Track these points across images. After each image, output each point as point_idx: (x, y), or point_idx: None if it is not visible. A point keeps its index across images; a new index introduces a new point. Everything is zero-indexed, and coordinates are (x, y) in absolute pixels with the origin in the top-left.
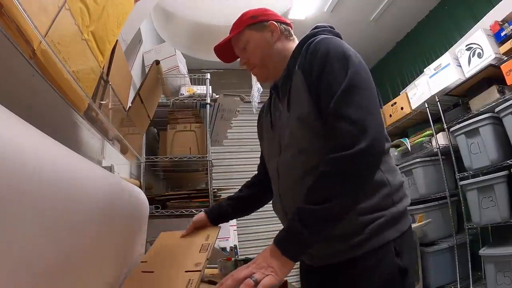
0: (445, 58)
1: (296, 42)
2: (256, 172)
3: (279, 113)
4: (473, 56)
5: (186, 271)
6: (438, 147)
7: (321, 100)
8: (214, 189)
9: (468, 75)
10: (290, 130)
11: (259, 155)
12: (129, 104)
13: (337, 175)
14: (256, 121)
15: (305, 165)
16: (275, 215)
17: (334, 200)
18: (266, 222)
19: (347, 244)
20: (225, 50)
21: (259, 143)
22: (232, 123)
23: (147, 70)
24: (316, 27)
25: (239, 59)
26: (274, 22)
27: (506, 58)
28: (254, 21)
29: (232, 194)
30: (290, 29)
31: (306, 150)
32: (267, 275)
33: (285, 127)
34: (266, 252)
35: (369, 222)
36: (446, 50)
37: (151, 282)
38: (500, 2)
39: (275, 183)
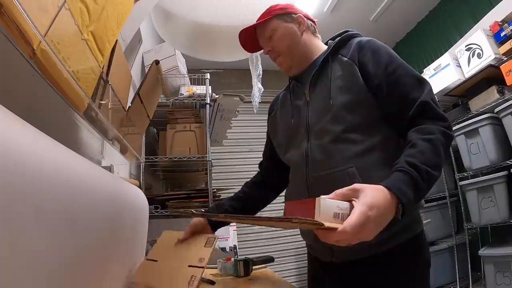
0: (445, 58)
1: (321, 40)
2: (258, 171)
3: (304, 101)
4: (472, 57)
5: (189, 266)
6: None
7: (394, 89)
8: (214, 189)
9: (467, 75)
10: (332, 115)
11: (258, 155)
12: (129, 104)
13: (445, 148)
14: (254, 121)
15: (345, 152)
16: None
17: (440, 169)
18: None
19: (382, 236)
20: (249, 38)
21: (258, 143)
22: (231, 123)
23: (146, 70)
24: (349, 30)
25: (262, 51)
26: (302, 16)
27: (505, 58)
28: (282, 11)
29: (232, 194)
30: (315, 26)
31: (347, 138)
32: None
33: (323, 112)
34: (383, 208)
35: None
36: (446, 50)
37: (154, 271)
38: (500, 2)
39: (301, 170)
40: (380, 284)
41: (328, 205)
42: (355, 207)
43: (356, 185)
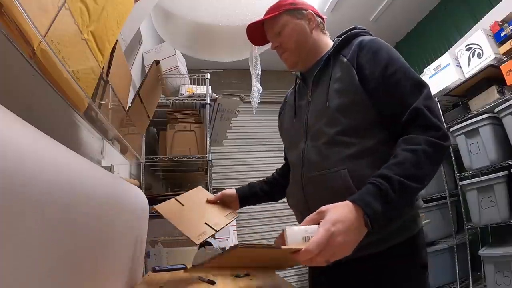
0: (445, 58)
1: (329, 37)
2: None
3: (306, 101)
4: (472, 56)
5: (206, 223)
6: None
7: (391, 92)
8: (214, 189)
9: (467, 75)
10: (328, 118)
11: (258, 155)
12: (129, 104)
13: (434, 160)
14: (254, 121)
15: (338, 155)
16: (275, 215)
17: (420, 180)
18: (266, 222)
19: (376, 237)
20: (256, 31)
21: (258, 143)
22: (231, 123)
23: (147, 70)
24: (356, 28)
25: (268, 45)
26: (312, 12)
27: (505, 58)
28: (293, 7)
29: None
30: (324, 23)
31: (341, 141)
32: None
33: (320, 114)
34: (348, 221)
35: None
36: (446, 50)
37: (177, 211)
38: (500, 2)
39: (297, 170)
40: (374, 284)
41: (295, 232)
42: (319, 226)
43: (322, 208)
